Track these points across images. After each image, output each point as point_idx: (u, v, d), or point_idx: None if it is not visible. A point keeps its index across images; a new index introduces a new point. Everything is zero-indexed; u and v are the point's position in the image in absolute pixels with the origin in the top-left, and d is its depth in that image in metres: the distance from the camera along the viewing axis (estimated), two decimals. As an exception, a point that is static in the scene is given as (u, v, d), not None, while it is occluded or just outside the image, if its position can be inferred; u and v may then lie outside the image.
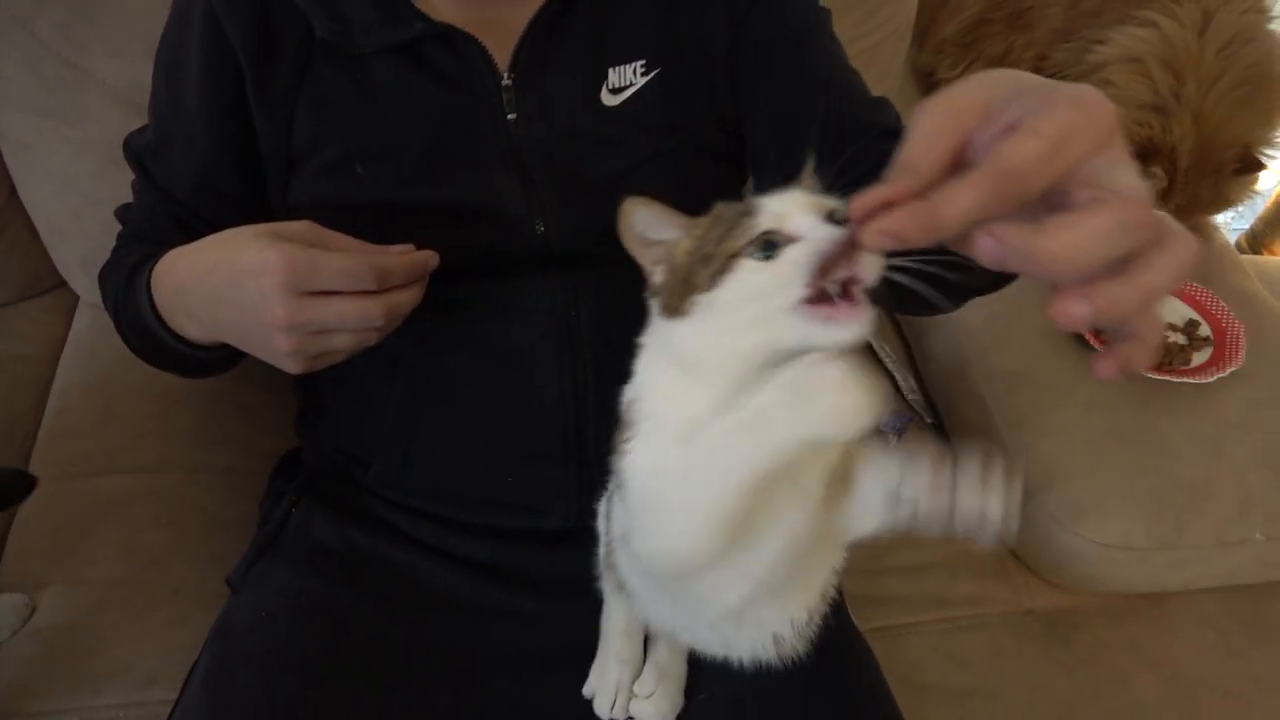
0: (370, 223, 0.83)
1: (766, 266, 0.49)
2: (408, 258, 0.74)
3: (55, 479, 1.15)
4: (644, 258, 0.58)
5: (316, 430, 1.00)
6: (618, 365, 0.59)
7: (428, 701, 0.79)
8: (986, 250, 0.39)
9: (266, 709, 0.75)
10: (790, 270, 0.49)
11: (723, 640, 0.66)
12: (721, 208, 0.55)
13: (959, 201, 0.39)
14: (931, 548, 1.17)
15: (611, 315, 0.83)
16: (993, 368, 1.21)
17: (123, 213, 0.96)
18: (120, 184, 0.95)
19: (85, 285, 1.29)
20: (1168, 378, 1.14)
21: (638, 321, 0.59)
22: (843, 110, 0.85)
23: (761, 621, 0.63)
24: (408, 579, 0.87)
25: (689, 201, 0.60)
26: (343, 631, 0.81)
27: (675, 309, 0.54)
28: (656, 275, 0.57)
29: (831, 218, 0.50)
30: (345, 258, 0.68)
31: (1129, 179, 0.41)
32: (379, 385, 0.89)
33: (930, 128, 0.42)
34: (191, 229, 0.90)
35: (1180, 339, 1.22)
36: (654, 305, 0.57)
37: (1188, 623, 1.13)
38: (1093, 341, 1.18)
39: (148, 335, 0.83)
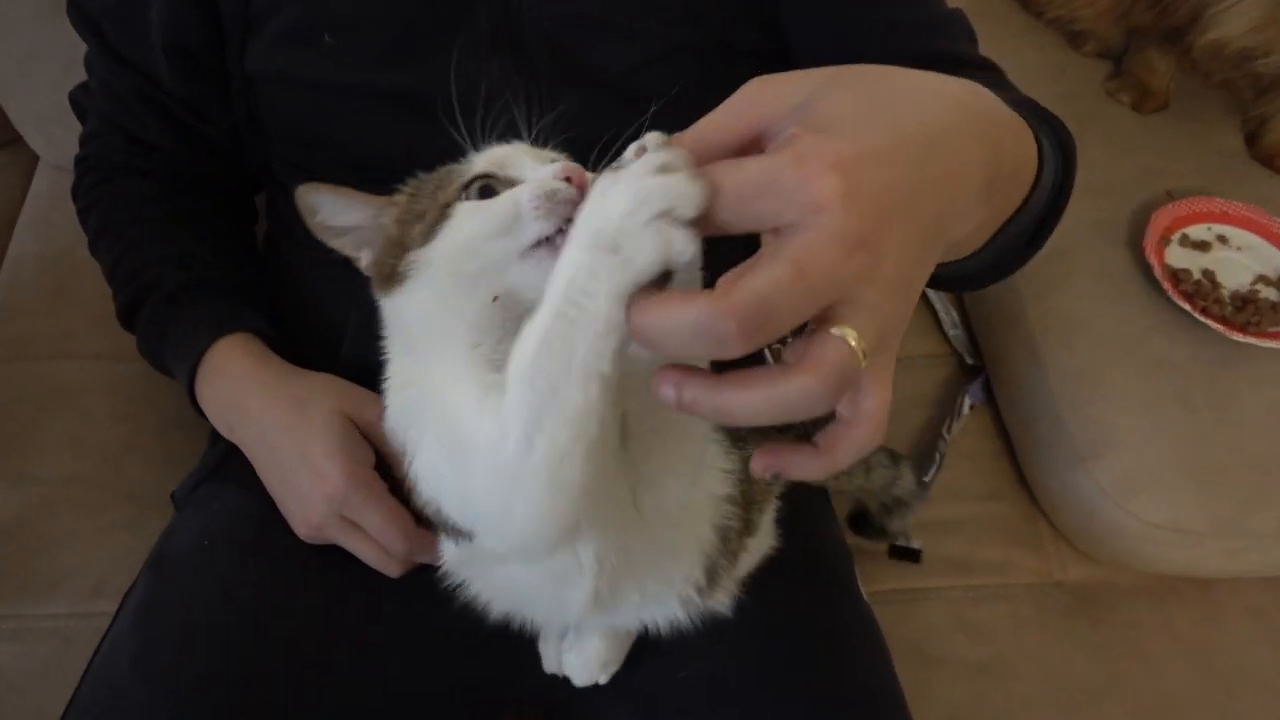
0: (335, 108, 0.72)
1: (485, 205, 0.46)
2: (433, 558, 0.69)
3: (6, 360, 1.06)
4: (341, 246, 0.55)
5: (281, 329, 0.89)
6: None
7: (370, 653, 0.73)
8: (664, 396, 0.38)
9: (198, 649, 0.68)
10: (511, 207, 0.45)
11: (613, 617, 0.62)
12: (423, 176, 0.53)
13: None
14: (960, 503, 1.07)
15: None
16: (1050, 310, 1.07)
17: (80, 95, 0.86)
18: (66, 37, 0.83)
19: (42, 145, 1.16)
20: (1252, 339, 1.00)
21: None
22: (899, 24, 0.75)
23: (638, 599, 0.59)
24: None
25: (714, 104, 0.51)
26: (287, 567, 0.74)
27: (391, 276, 0.49)
28: (364, 259, 0.54)
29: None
30: (388, 525, 0.70)
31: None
32: (349, 290, 0.77)
33: (739, 105, 0.41)
34: (172, 117, 0.82)
35: (1272, 294, 1.06)
36: (375, 293, 0.52)
37: (1233, 612, 1.02)
38: (1174, 294, 1.03)
39: (158, 365, 0.82)
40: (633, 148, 0.41)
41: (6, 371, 1.05)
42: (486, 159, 0.49)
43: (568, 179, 0.45)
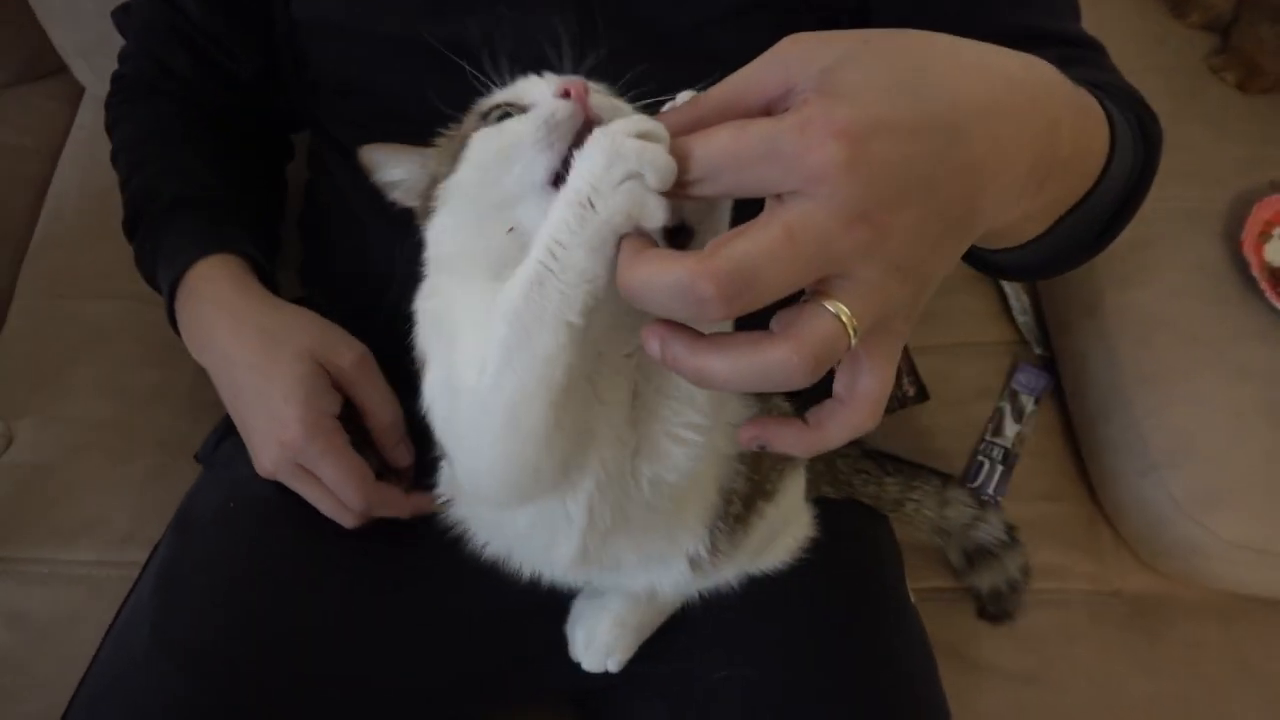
0: (382, 59, 0.70)
1: (494, 131, 0.47)
2: (404, 503, 0.71)
3: (43, 294, 1.05)
4: (399, 198, 0.56)
5: (322, 279, 0.88)
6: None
7: (395, 628, 0.70)
8: (650, 350, 0.38)
9: (217, 620, 0.67)
10: (512, 137, 0.45)
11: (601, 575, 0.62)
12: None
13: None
14: (1016, 502, 1.01)
15: None
16: (1130, 304, 1.00)
17: (121, 17, 0.83)
18: None
19: (88, 76, 1.13)
20: (1355, 349, 0.92)
21: None
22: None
23: (635, 559, 0.58)
24: None
25: None
26: (311, 533, 0.71)
27: (427, 207, 0.51)
28: (414, 200, 0.55)
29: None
30: (344, 479, 0.68)
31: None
32: (392, 242, 0.74)
33: (768, 63, 0.39)
34: (203, 56, 0.80)
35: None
36: (420, 226, 0.53)
37: (1307, 637, 0.96)
38: (1272, 295, 0.95)
39: (152, 281, 0.78)
40: (666, 108, 0.42)
41: (42, 307, 1.04)
42: (509, 90, 0.49)
43: (566, 93, 0.45)
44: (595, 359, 0.45)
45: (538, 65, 0.68)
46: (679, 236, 0.42)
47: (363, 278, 0.79)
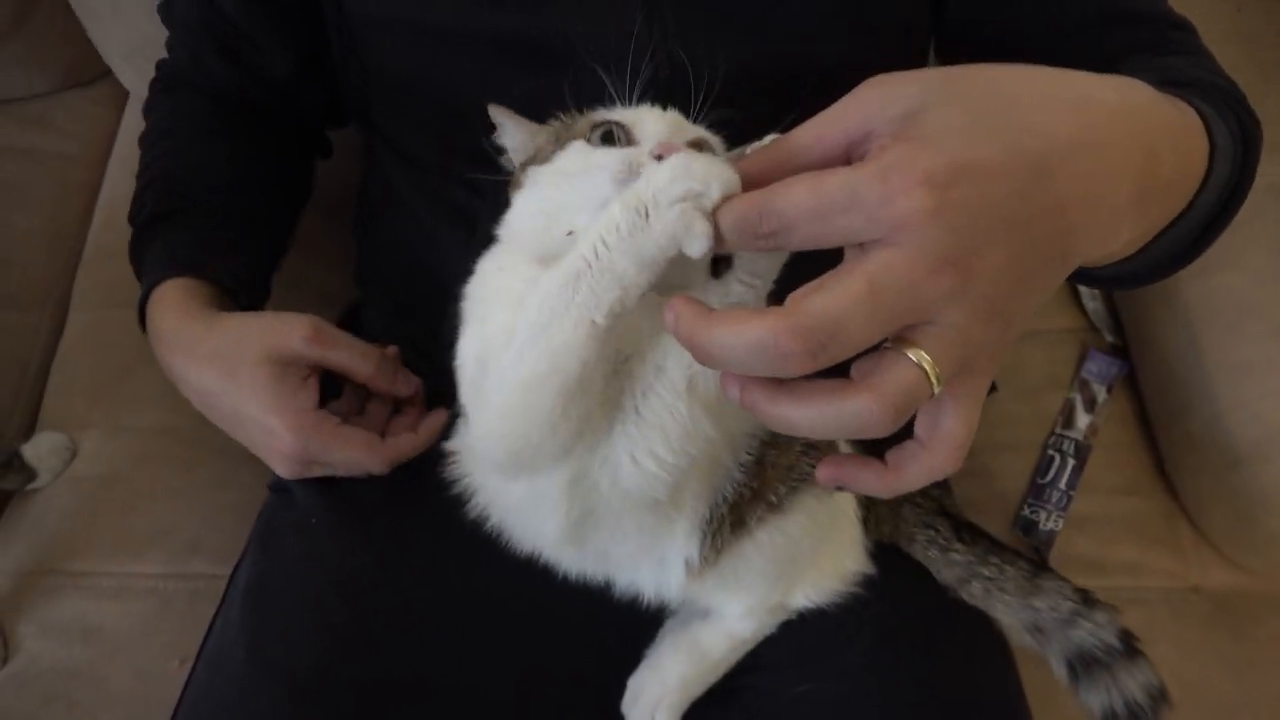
0: (440, 53, 0.69)
1: (591, 152, 0.49)
2: (419, 440, 0.71)
3: (99, 305, 1.05)
4: (504, 161, 0.58)
5: (378, 279, 0.87)
6: None
7: (480, 638, 0.70)
8: (730, 394, 0.38)
9: (310, 638, 0.66)
10: (598, 171, 0.47)
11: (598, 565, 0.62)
12: (585, 113, 0.54)
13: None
14: (1092, 497, 0.98)
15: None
16: (1215, 290, 0.95)
17: (165, 12, 0.83)
18: None
19: (132, 80, 1.12)
20: None
21: None
22: None
23: (625, 552, 0.59)
24: None
25: (866, 39, 0.61)
26: (396, 542, 0.72)
27: (520, 179, 0.53)
28: (514, 167, 0.57)
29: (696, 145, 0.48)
30: (357, 458, 0.68)
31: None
32: (451, 243, 0.74)
33: (848, 107, 0.38)
34: (235, 56, 0.79)
35: None
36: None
37: (1402, 636, 0.93)
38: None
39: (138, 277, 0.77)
40: (750, 148, 0.43)
41: (100, 318, 1.04)
42: (625, 113, 0.51)
43: (659, 157, 0.46)
44: (618, 360, 0.47)
45: (606, 59, 0.66)
46: (718, 265, 0.44)
47: (420, 276, 0.78)
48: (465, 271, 0.54)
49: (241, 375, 0.67)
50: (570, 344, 0.41)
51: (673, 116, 0.51)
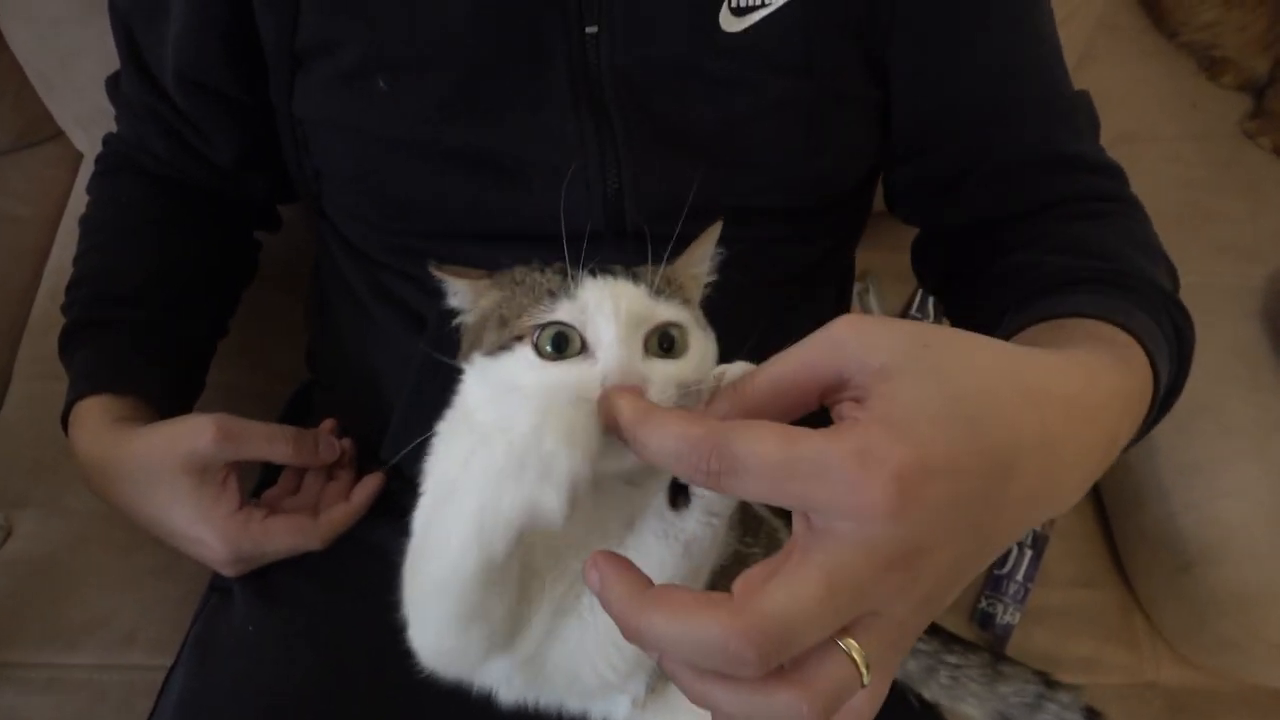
0: (391, 162, 0.68)
1: (541, 368, 0.44)
2: (352, 509, 0.72)
3: (42, 376, 1.01)
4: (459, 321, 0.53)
5: (327, 364, 0.86)
6: None
7: None
8: (589, 579, 0.37)
9: None
10: (546, 401, 0.42)
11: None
12: (523, 274, 0.49)
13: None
14: (1048, 590, 0.98)
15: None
16: (1167, 387, 0.96)
17: (112, 88, 0.81)
18: (109, 35, 0.77)
19: (85, 144, 1.10)
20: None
21: (729, 322, 0.50)
22: (1019, 102, 0.68)
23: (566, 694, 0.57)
24: None
25: (817, 162, 0.61)
26: (337, 657, 0.69)
27: (464, 353, 0.50)
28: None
29: (659, 342, 0.44)
30: (294, 544, 0.70)
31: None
32: (401, 339, 0.73)
33: (822, 347, 0.37)
34: (180, 140, 0.77)
35: None
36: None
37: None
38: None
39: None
40: (714, 370, 0.41)
41: (43, 389, 1.00)
42: (579, 303, 0.45)
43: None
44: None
45: (556, 174, 0.66)
46: (677, 496, 0.42)
47: (368, 369, 0.77)
48: (416, 370, 0.54)
49: (160, 492, 0.66)
50: (463, 556, 0.41)
51: (628, 300, 0.45)
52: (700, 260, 0.52)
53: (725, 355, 0.47)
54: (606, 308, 0.43)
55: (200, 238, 0.82)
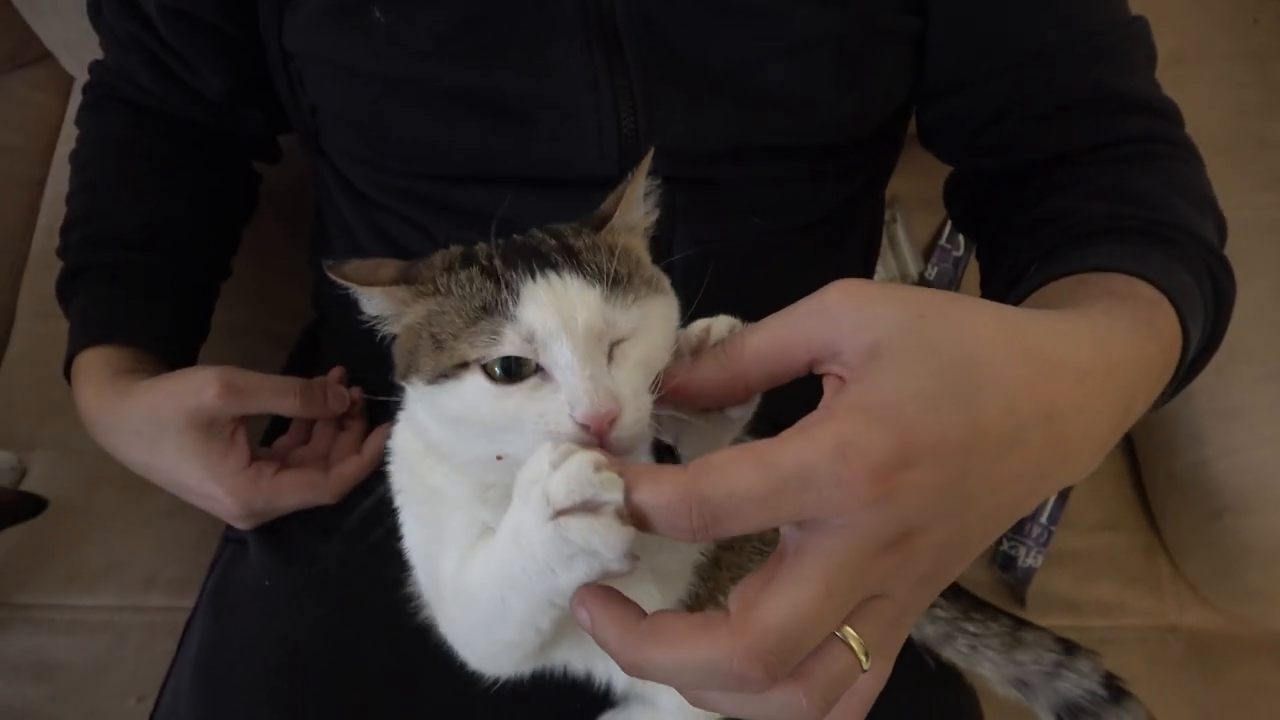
0: (386, 101, 0.63)
1: (497, 396, 0.40)
2: (363, 462, 0.71)
3: (47, 314, 0.98)
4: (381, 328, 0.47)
5: (331, 310, 0.84)
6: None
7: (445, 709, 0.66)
8: (579, 617, 0.36)
9: (264, 713, 0.64)
10: (522, 419, 0.39)
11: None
12: (461, 277, 0.42)
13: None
14: (1071, 533, 0.97)
15: (717, 262, 0.58)
16: (1208, 327, 0.92)
17: (94, 13, 0.76)
18: None
19: (75, 67, 1.05)
20: None
21: (748, 269, 0.51)
22: (1066, 33, 0.62)
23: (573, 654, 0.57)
24: None
25: (848, 100, 0.58)
26: (352, 611, 0.68)
27: (400, 373, 0.45)
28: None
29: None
30: (306, 498, 0.68)
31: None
32: None
33: (812, 317, 0.36)
34: (166, 71, 0.73)
35: None
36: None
37: (1375, 684, 0.93)
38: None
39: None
40: (698, 325, 0.39)
41: (49, 328, 0.97)
42: (514, 334, 0.39)
43: (585, 426, 0.38)
44: None
45: (565, 115, 0.61)
46: (663, 455, 0.41)
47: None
48: None
49: (168, 447, 0.65)
50: (529, 616, 0.41)
51: (585, 314, 0.40)
52: (635, 207, 0.47)
53: (747, 309, 0.42)
54: (560, 333, 0.39)
55: (194, 173, 0.79)
